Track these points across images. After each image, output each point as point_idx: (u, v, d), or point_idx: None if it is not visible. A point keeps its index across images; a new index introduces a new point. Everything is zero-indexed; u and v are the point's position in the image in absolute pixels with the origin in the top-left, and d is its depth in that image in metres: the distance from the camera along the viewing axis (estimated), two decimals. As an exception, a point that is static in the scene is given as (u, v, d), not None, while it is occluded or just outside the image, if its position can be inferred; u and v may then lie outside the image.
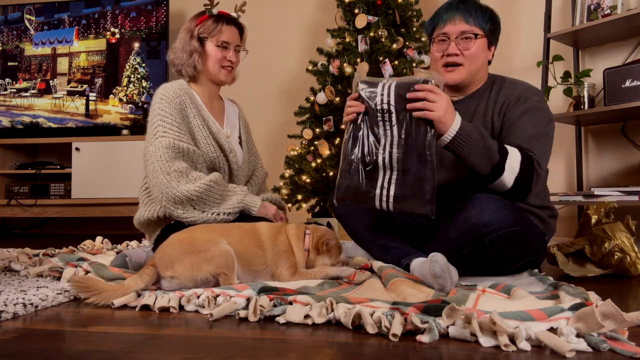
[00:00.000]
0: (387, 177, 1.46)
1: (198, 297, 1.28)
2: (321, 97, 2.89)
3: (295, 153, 3.02)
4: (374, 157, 1.46)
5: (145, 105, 3.76)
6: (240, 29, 2.01)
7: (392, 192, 1.45)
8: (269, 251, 1.55)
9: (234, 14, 2.00)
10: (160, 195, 1.74)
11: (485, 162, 1.47)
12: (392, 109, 1.43)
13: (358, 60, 2.85)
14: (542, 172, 1.56)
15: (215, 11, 1.96)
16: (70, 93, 3.92)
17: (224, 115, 2.06)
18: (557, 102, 2.90)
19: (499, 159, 1.47)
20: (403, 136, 1.43)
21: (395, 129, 1.44)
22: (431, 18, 1.77)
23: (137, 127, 3.78)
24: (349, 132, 1.51)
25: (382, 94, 1.44)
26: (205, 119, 1.91)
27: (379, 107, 1.45)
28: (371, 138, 1.47)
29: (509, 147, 1.51)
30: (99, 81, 3.89)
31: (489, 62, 1.78)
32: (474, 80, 1.74)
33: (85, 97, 3.90)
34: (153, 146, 1.77)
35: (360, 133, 1.49)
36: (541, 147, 1.58)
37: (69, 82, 3.93)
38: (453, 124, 1.44)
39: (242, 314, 1.16)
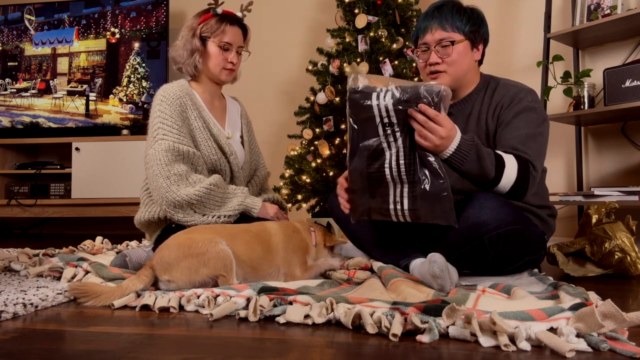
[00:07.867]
0: (398, 191, 1.41)
1: (198, 297, 1.28)
2: (321, 97, 2.89)
3: (295, 153, 3.02)
4: (381, 171, 1.40)
5: (145, 105, 3.76)
6: (244, 29, 1.97)
7: (406, 206, 1.40)
8: (281, 250, 1.55)
9: (239, 14, 1.96)
10: (160, 199, 1.74)
11: (481, 178, 1.46)
12: (394, 120, 1.36)
13: (358, 60, 2.85)
14: (537, 175, 1.55)
15: (219, 10, 1.92)
16: (70, 93, 3.92)
17: (225, 114, 2.05)
18: (557, 102, 2.90)
19: (495, 175, 1.45)
20: (408, 147, 1.37)
21: (400, 140, 1.38)
22: (414, 28, 1.75)
23: (137, 127, 3.78)
24: (350, 146, 1.44)
25: (379, 105, 1.35)
26: (206, 120, 1.89)
27: (378, 120, 1.37)
28: (376, 151, 1.40)
29: (505, 157, 1.49)
30: (99, 81, 3.89)
31: (481, 62, 1.75)
32: (463, 83, 1.71)
33: (85, 97, 3.90)
34: (153, 149, 1.76)
35: (363, 146, 1.41)
36: (537, 147, 1.57)
37: (69, 82, 3.93)
38: (452, 143, 1.38)
39: (242, 314, 1.16)
